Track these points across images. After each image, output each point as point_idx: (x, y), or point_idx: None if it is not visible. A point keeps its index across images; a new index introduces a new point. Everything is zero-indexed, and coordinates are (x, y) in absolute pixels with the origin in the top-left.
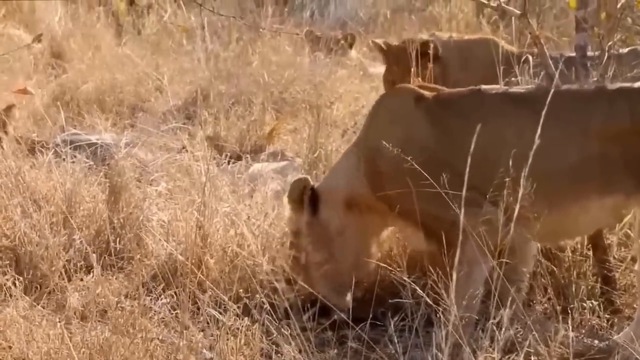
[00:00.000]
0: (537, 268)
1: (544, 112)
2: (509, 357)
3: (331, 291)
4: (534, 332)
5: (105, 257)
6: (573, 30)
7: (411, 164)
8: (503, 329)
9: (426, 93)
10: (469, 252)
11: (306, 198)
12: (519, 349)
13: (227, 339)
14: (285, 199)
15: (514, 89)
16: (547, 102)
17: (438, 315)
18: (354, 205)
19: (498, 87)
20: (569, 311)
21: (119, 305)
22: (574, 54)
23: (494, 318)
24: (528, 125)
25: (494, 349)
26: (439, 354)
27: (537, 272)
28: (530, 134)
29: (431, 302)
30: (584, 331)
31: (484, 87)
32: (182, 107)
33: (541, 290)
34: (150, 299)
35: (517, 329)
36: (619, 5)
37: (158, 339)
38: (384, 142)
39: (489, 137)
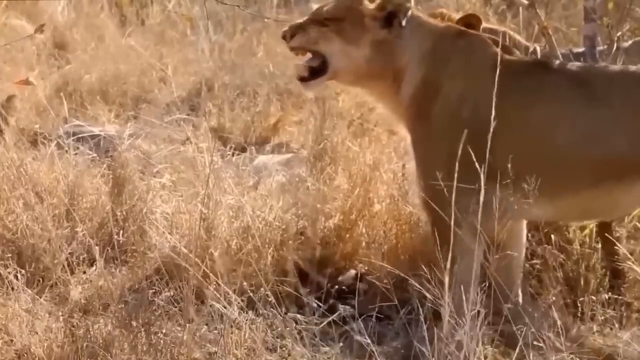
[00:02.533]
0: (549, 260)
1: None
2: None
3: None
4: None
5: (108, 250)
6: (582, 21)
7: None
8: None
9: (503, 56)
10: (459, 239)
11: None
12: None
13: (231, 333)
14: None
15: (575, 66)
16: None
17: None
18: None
19: (560, 62)
20: (579, 304)
21: (122, 298)
22: (581, 49)
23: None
24: (581, 110)
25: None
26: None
27: (550, 265)
28: (580, 120)
29: (433, 296)
30: (594, 325)
31: (548, 62)
32: (186, 98)
33: (552, 282)
34: (154, 292)
35: (525, 321)
36: None
37: (161, 332)
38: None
39: (538, 119)
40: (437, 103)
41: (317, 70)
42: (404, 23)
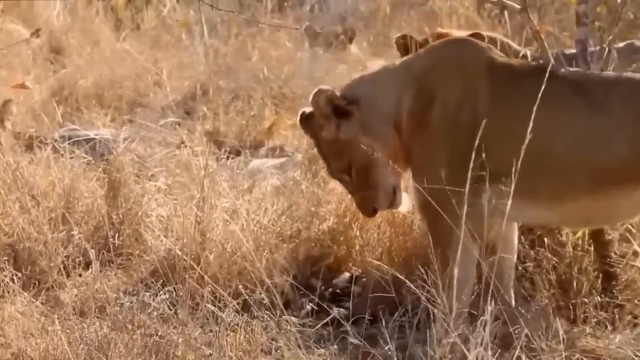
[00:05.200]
0: (542, 263)
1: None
2: (506, 352)
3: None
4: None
5: (103, 253)
6: (574, 25)
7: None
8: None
9: (498, 59)
10: (456, 242)
11: (343, 101)
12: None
13: (227, 335)
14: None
15: (574, 72)
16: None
17: (434, 310)
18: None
19: (561, 68)
20: (571, 307)
21: (117, 301)
22: (573, 51)
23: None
24: (581, 116)
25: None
26: (437, 349)
27: (542, 267)
28: (581, 124)
29: (426, 298)
30: (587, 328)
31: (549, 67)
32: (181, 102)
33: (545, 284)
34: (149, 295)
35: (519, 323)
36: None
37: (157, 335)
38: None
39: (538, 124)
40: (433, 111)
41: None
42: (340, 102)
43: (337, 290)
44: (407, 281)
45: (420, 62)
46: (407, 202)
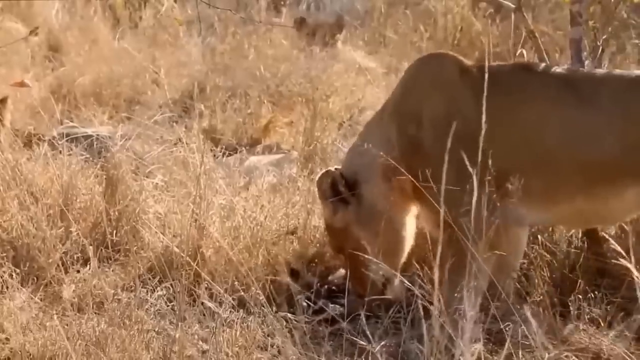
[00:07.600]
0: (536, 260)
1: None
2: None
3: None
4: (532, 325)
5: (101, 250)
6: (568, 24)
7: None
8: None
9: (470, 64)
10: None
11: (344, 189)
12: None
13: (223, 331)
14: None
15: (560, 69)
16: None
17: (430, 308)
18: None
19: (544, 66)
20: (568, 304)
21: (115, 297)
22: None
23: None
24: (570, 113)
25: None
26: (433, 347)
27: (537, 265)
28: (572, 121)
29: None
30: (581, 324)
31: (531, 64)
32: (178, 100)
33: (539, 281)
34: (147, 291)
35: (514, 320)
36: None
37: (154, 330)
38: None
39: (528, 122)
40: (423, 131)
41: None
42: (342, 188)
43: (333, 287)
44: (402, 278)
45: (394, 95)
46: (399, 292)
